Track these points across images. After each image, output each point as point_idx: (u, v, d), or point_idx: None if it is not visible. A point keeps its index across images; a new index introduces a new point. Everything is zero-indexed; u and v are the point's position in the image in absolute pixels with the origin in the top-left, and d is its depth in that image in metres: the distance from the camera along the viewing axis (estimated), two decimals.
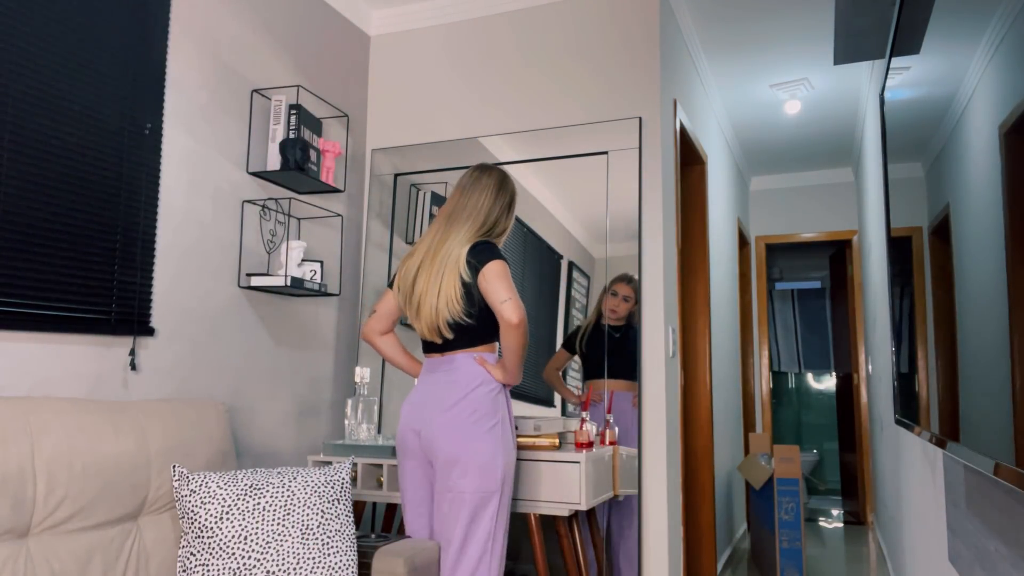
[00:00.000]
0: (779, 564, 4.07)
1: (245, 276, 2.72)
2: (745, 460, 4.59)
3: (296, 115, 2.80)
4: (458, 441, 2.16)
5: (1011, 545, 1.24)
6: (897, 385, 2.10)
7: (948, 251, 1.32)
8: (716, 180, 4.62)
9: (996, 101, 0.96)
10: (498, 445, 2.18)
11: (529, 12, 3.30)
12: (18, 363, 1.97)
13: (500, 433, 2.20)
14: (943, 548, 2.10)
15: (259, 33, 2.85)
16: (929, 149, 1.47)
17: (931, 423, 1.52)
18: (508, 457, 2.21)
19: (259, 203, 2.79)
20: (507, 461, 2.20)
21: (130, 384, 2.27)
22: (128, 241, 2.26)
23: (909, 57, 1.64)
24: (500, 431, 2.20)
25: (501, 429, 2.21)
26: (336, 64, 3.31)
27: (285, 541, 1.99)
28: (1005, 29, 0.92)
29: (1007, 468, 0.93)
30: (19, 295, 1.96)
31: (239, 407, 2.70)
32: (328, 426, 3.19)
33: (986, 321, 1.05)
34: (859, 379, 5.88)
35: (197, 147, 2.55)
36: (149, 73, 2.35)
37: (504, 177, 2.35)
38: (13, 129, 1.95)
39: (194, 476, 2.00)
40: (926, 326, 1.57)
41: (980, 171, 1.06)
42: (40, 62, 2.02)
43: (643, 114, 3.04)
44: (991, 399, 1.03)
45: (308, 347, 3.07)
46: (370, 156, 3.47)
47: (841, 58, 2.66)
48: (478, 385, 2.21)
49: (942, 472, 2.04)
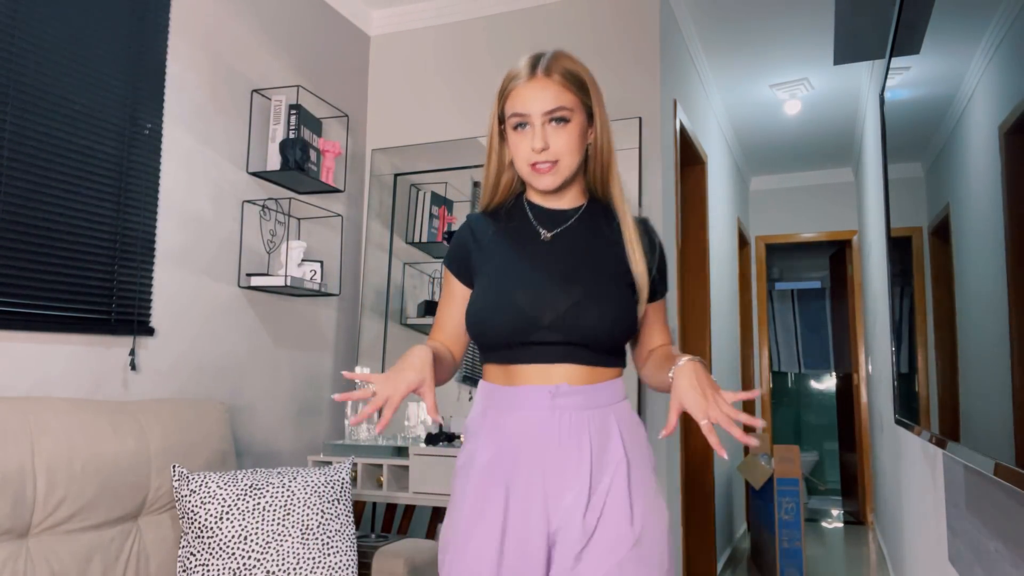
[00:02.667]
0: (779, 564, 4.07)
1: (245, 276, 2.72)
2: (745, 460, 4.58)
3: (296, 115, 2.80)
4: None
5: (1011, 545, 1.24)
6: (897, 385, 2.10)
7: (948, 251, 1.32)
8: (716, 180, 4.62)
9: (996, 101, 0.96)
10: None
11: (529, 12, 3.29)
12: (18, 363, 1.97)
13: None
14: (943, 548, 2.10)
15: (259, 33, 2.85)
16: (929, 149, 1.47)
17: (931, 423, 1.52)
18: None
19: (259, 203, 2.79)
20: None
21: (130, 384, 2.27)
22: (128, 241, 2.26)
23: (909, 57, 1.64)
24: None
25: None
26: (336, 64, 3.31)
27: (285, 541, 1.99)
28: (1005, 29, 0.92)
29: (1007, 468, 0.93)
30: (19, 295, 1.96)
31: (239, 407, 2.69)
32: (328, 426, 3.19)
33: (986, 321, 1.05)
34: (859, 379, 5.88)
35: (197, 147, 2.55)
36: (149, 73, 2.35)
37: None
38: (13, 129, 1.95)
39: (194, 476, 2.00)
40: (926, 326, 1.57)
41: (980, 171, 1.06)
42: (40, 62, 2.02)
43: (643, 114, 3.04)
44: (991, 399, 1.03)
45: (308, 347, 3.07)
46: (370, 156, 3.47)
47: (841, 58, 2.66)
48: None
49: (942, 472, 2.04)
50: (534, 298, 1.34)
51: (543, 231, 1.42)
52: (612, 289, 1.36)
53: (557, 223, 1.43)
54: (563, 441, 1.31)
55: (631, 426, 1.38)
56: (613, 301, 1.35)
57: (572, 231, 1.43)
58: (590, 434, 1.31)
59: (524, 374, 1.35)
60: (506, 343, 1.35)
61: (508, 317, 1.33)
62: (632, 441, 1.36)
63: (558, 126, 1.35)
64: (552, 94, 1.35)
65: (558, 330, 1.33)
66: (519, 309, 1.34)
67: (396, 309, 3.27)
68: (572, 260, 1.39)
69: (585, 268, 1.38)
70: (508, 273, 1.39)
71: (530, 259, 1.39)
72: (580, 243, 1.42)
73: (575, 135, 1.37)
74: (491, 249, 1.44)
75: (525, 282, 1.36)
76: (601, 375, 1.37)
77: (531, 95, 1.35)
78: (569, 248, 1.41)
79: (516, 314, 1.34)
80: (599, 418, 1.34)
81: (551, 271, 1.37)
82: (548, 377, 1.34)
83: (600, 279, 1.37)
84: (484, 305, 1.38)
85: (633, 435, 1.37)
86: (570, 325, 1.33)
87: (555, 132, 1.36)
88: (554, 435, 1.31)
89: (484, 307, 1.37)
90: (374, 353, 3.26)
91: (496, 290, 1.37)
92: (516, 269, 1.39)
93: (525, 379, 1.35)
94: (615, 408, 1.37)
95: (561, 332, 1.33)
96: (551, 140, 1.35)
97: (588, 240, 1.42)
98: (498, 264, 1.41)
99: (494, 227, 1.46)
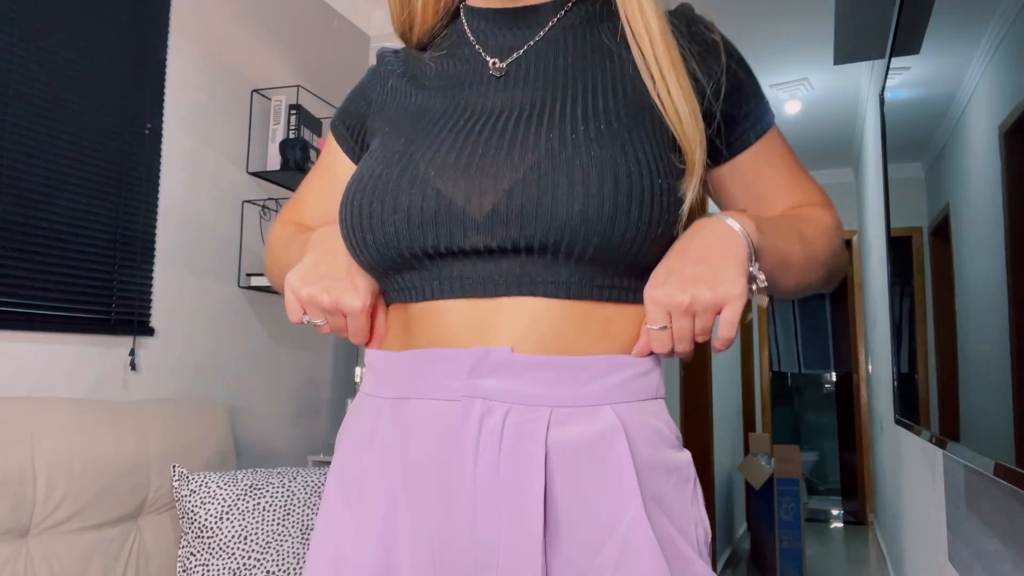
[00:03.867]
0: (779, 564, 4.07)
1: (245, 276, 2.72)
2: (745, 460, 4.59)
3: (296, 115, 2.80)
4: None
5: (1011, 545, 1.24)
6: (897, 385, 2.10)
7: (948, 251, 1.32)
8: None
9: (996, 101, 0.96)
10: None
11: None
12: (18, 363, 1.97)
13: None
14: (943, 548, 2.10)
15: (259, 33, 2.85)
16: (929, 149, 1.47)
17: (931, 423, 1.52)
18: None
19: (259, 203, 2.80)
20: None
21: (130, 384, 2.27)
22: (128, 241, 2.26)
23: (909, 57, 1.64)
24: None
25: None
26: (336, 64, 3.31)
27: (285, 541, 1.99)
28: (1005, 29, 0.92)
29: (1007, 468, 0.93)
30: (19, 295, 1.96)
31: (239, 407, 2.70)
32: (328, 426, 3.19)
33: (986, 321, 1.05)
34: (859, 379, 5.88)
35: (197, 147, 2.55)
36: (149, 73, 2.35)
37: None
38: (13, 129, 1.95)
39: (194, 476, 2.00)
40: (926, 326, 1.57)
41: (980, 171, 1.06)
42: (40, 62, 2.02)
43: None
44: (991, 399, 1.03)
45: (308, 347, 3.07)
46: None
47: (841, 58, 2.66)
48: None
49: (942, 472, 2.04)
50: (465, 174, 0.70)
51: (492, 60, 0.79)
52: (614, 147, 0.70)
53: (518, 40, 0.79)
54: (486, 471, 0.66)
55: (662, 455, 0.71)
56: (610, 165, 0.68)
57: (544, 50, 0.78)
58: (550, 461, 0.67)
59: (438, 321, 0.72)
60: (410, 255, 0.71)
61: (415, 206, 0.70)
62: (655, 479, 0.69)
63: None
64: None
65: (505, 225, 0.68)
66: (435, 192, 0.70)
67: None
68: (540, 103, 0.74)
69: (564, 114, 0.73)
70: (420, 134, 0.76)
71: (463, 111, 0.76)
72: (559, 70, 0.77)
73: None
74: (402, 100, 0.82)
75: (448, 148, 0.73)
76: (601, 327, 0.71)
77: None
78: (536, 81, 0.76)
79: (429, 200, 0.70)
80: (581, 428, 0.68)
81: (498, 128, 0.73)
82: (484, 321, 0.70)
83: (594, 130, 0.71)
84: (373, 186, 0.73)
85: (659, 471, 0.70)
86: (528, 214, 0.67)
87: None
88: (469, 456, 0.67)
89: (373, 189, 0.73)
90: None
91: (397, 161, 0.73)
92: (435, 128, 0.75)
93: (439, 331, 0.72)
94: (625, 410, 0.70)
95: (510, 229, 0.68)
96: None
97: (575, 61, 0.77)
98: (406, 120, 0.79)
99: (414, 65, 0.84)
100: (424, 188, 0.70)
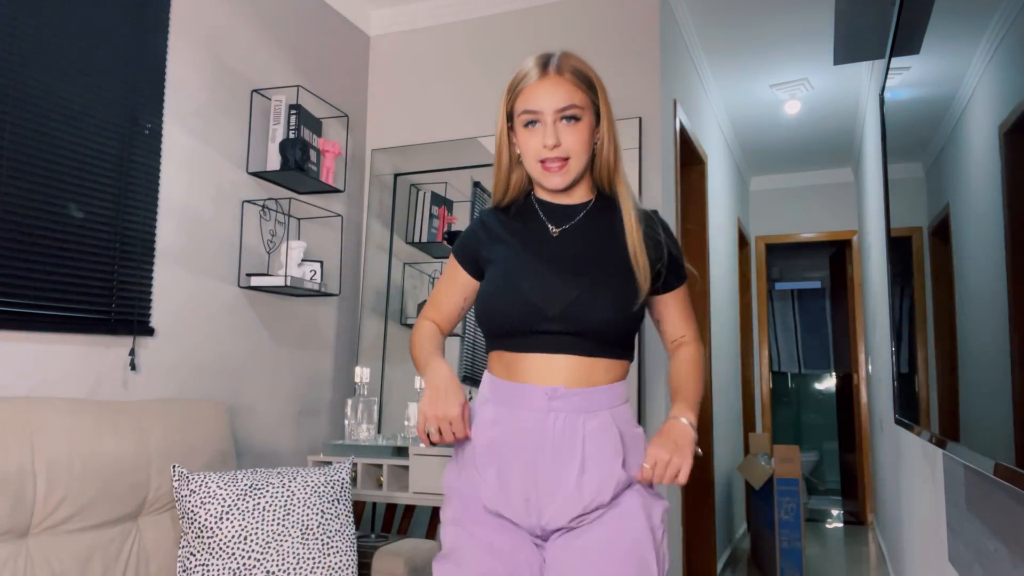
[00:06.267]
0: (779, 564, 4.07)
1: (245, 276, 2.72)
2: (745, 460, 4.59)
3: (296, 115, 2.80)
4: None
5: (1011, 545, 1.24)
6: (897, 385, 2.10)
7: (948, 251, 1.32)
8: (716, 180, 4.62)
9: (996, 101, 0.96)
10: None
11: (529, 12, 3.29)
12: (18, 363, 1.97)
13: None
14: (943, 548, 2.10)
15: (259, 33, 2.85)
16: (929, 149, 1.47)
17: (931, 423, 1.52)
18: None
19: (259, 203, 2.79)
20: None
21: (130, 384, 2.27)
22: (128, 241, 2.26)
23: (909, 57, 1.64)
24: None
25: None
26: (336, 64, 3.31)
27: (285, 541, 1.99)
28: (1005, 29, 0.92)
29: (1007, 468, 0.93)
30: (19, 295, 1.96)
31: (239, 407, 2.69)
32: (328, 426, 3.19)
33: (986, 321, 1.05)
34: (859, 379, 5.88)
35: (197, 147, 2.55)
36: (149, 73, 2.35)
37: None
38: (13, 129, 1.95)
39: (194, 476, 2.00)
40: (926, 326, 1.57)
41: (980, 171, 1.06)
42: (40, 62, 2.02)
43: (643, 114, 3.04)
44: (991, 399, 1.03)
45: (308, 347, 3.07)
46: (370, 156, 3.47)
47: (841, 58, 2.65)
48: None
49: (942, 472, 2.04)
50: (541, 289, 1.38)
51: (552, 227, 1.46)
52: (618, 281, 1.39)
53: (566, 219, 1.47)
54: (556, 443, 1.33)
55: (630, 429, 1.40)
56: (618, 292, 1.38)
57: (580, 226, 1.46)
58: (583, 438, 1.34)
59: (526, 365, 1.38)
60: (512, 331, 1.38)
61: (516, 306, 1.37)
62: (631, 444, 1.39)
63: (569, 124, 1.39)
64: (564, 92, 1.38)
65: (563, 320, 1.35)
66: (526, 299, 1.37)
67: (396, 309, 3.27)
68: (579, 253, 1.42)
69: (592, 261, 1.41)
70: (517, 265, 1.42)
71: (539, 252, 1.43)
72: (587, 237, 1.45)
73: (585, 133, 1.41)
74: (501, 243, 1.47)
75: (533, 274, 1.40)
76: (604, 372, 1.39)
77: (543, 93, 1.38)
78: (577, 242, 1.44)
79: (523, 304, 1.37)
80: (596, 421, 1.36)
81: (558, 264, 1.41)
82: (550, 367, 1.37)
83: (606, 271, 1.40)
84: (493, 294, 1.41)
85: (631, 437, 1.40)
86: (574, 316, 1.35)
87: (566, 130, 1.39)
88: (548, 437, 1.34)
89: (493, 296, 1.41)
90: (374, 353, 3.26)
91: (505, 281, 1.41)
92: (525, 262, 1.42)
93: (527, 371, 1.38)
94: (614, 412, 1.38)
95: (565, 323, 1.35)
96: (562, 137, 1.38)
97: (595, 234, 1.45)
98: (508, 257, 1.45)
99: (505, 222, 1.49)
100: (523, 299, 1.38)
